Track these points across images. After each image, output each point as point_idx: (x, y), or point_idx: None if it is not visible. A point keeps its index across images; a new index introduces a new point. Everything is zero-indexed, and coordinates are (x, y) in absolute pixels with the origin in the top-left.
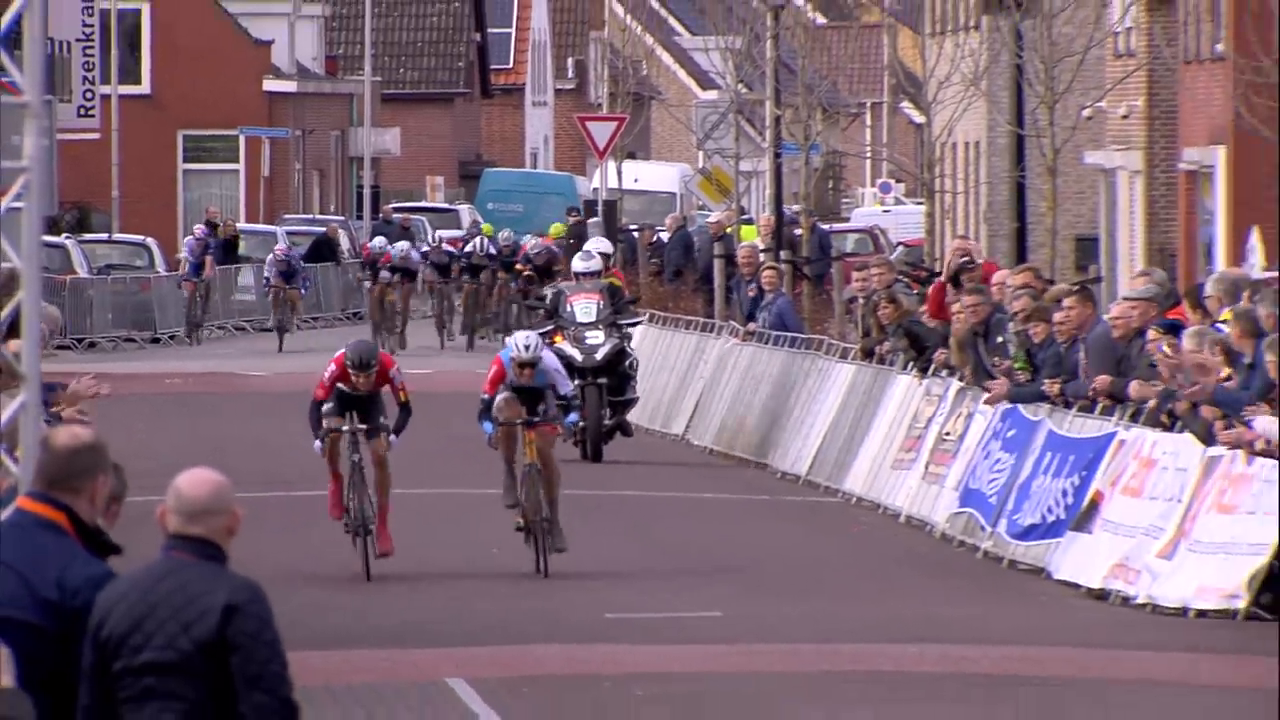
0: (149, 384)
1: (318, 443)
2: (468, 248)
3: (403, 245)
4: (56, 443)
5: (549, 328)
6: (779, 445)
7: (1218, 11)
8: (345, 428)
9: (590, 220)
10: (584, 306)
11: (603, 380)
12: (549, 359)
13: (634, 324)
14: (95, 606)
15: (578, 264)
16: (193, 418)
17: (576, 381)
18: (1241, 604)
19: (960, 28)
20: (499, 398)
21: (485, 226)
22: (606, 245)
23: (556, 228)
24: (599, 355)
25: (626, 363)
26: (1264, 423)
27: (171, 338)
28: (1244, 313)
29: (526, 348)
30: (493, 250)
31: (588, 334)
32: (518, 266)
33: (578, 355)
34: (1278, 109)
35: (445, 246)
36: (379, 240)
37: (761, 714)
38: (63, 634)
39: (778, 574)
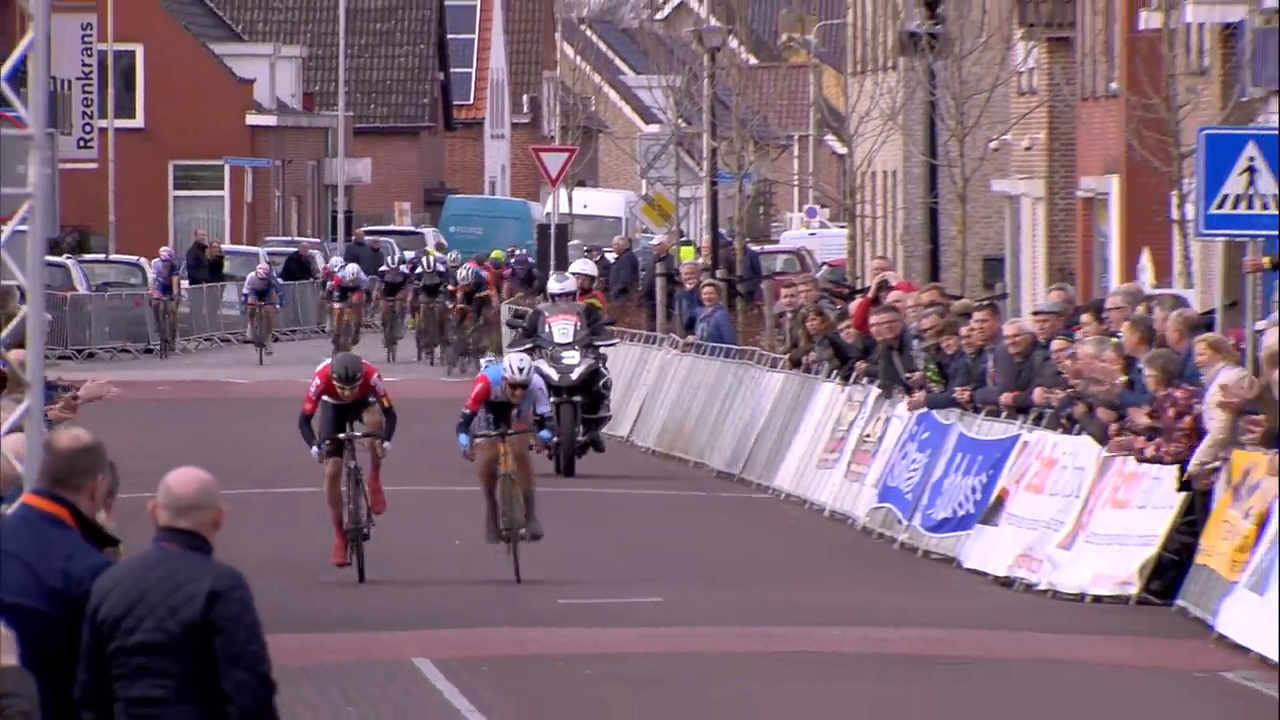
0: (141, 391)
1: (314, 449)
2: (417, 269)
3: (352, 268)
4: (60, 444)
5: (528, 345)
6: (715, 446)
7: (1111, 53)
8: (342, 435)
9: (572, 242)
10: (561, 327)
11: (578, 398)
12: (535, 380)
13: (609, 345)
14: (92, 592)
15: (553, 285)
16: (181, 421)
17: (552, 399)
18: (1134, 590)
19: (879, 68)
20: (478, 440)
21: (429, 251)
22: (590, 267)
23: (497, 254)
24: (574, 375)
25: (600, 382)
26: (1197, 474)
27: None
28: (1140, 320)
29: (520, 370)
30: (441, 269)
31: (564, 354)
32: (451, 288)
33: (554, 374)
34: (1166, 142)
35: (402, 268)
36: (335, 261)
37: (699, 691)
38: (67, 620)
39: (713, 563)
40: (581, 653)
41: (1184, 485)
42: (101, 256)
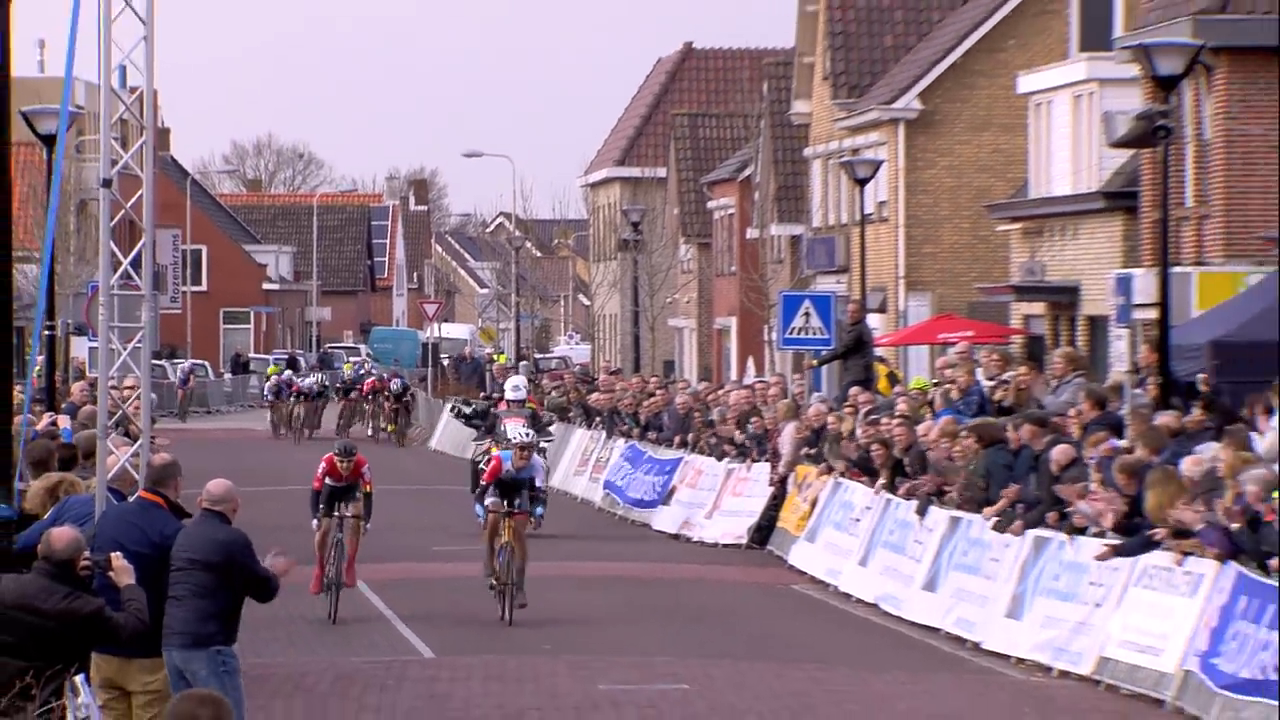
0: (202, 435)
1: (315, 521)
2: (358, 377)
3: (310, 381)
4: (155, 462)
5: (487, 442)
6: None
7: (732, 250)
8: (335, 514)
9: (521, 363)
10: (514, 428)
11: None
12: (537, 460)
13: (548, 440)
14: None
15: (510, 394)
16: (226, 452)
17: None
18: (744, 541)
19: (608, 258)
20: (489, 500)
21: (347, 365)
22: (524, 382)
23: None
24: None
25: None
26: (781, 475)
27: (217, 411)
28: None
29: (525, 434)
30: (352, 377)
31: None
32: (380, 391)
33: None
34: (762, 299)
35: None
36: (289, 374)
37: (528, 595)
38: (160, 559)
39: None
40: (453, 576)
41: (775, 483)
42: (183, 361)
